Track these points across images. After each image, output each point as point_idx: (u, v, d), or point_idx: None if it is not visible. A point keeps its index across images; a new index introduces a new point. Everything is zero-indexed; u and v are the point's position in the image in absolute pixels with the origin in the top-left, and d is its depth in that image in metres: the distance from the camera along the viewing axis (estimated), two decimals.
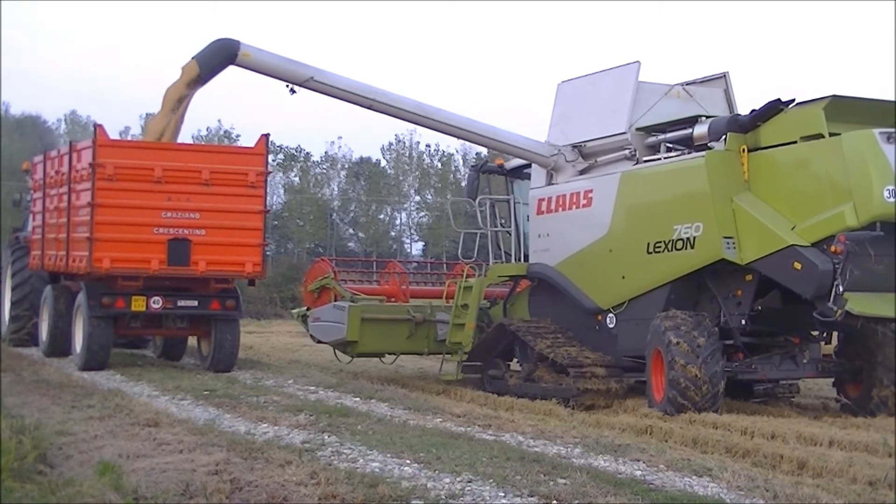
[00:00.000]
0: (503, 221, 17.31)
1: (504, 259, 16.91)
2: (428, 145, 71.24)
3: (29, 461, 7.69)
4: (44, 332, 18.23)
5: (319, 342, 17.61)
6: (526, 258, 16.39)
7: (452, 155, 71.43)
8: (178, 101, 16.12)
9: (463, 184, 71.40)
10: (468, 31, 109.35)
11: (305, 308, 17.94)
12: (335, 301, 16.91)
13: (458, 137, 17.75)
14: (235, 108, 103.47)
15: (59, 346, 17.65)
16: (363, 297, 17.05)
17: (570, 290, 15.15)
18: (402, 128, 70.08)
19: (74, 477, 7.60)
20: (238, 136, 67.97)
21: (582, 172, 15.49)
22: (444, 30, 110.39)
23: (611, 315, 14.55)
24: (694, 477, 8.60)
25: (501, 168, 17.44)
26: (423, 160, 71.32)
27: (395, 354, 17.59)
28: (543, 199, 15.87)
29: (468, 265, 16.97)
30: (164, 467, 8.05)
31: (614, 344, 14.44)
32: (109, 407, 11.49)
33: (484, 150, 69.58)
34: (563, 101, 16.02)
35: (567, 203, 15.37)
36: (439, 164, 71.59)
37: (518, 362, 15.74)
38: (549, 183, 15.90)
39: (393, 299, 17.55)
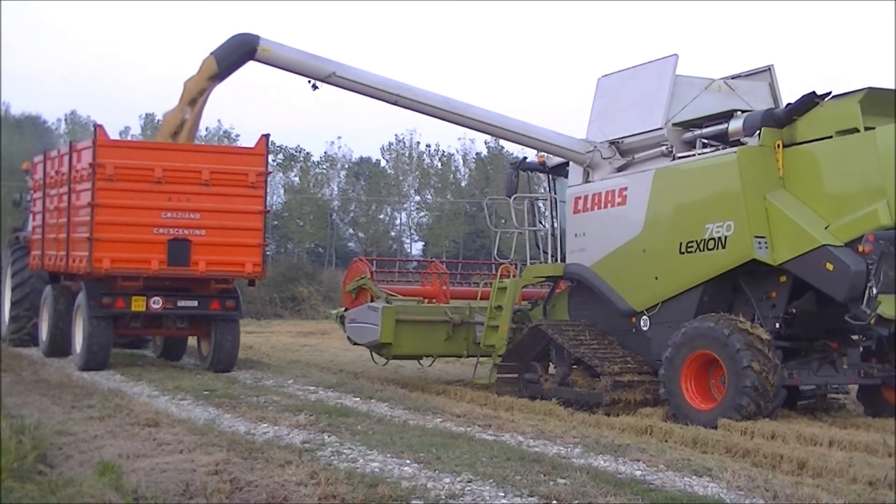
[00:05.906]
0: (541, 220, 16.70)
1: (542, 259, 16.30)
2: (428, 145, 71.55)
3: (29, 461, 7.70)
4: (44, 332, 18.22)
5: (356, 344, 17.01)
6: (563, 258, 15.84)
7: (452, 155, 71.68)
8: (197, 93, 15.66)
9: (463, 184, 71.88)
10: (500, 28, 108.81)
11: (343, 309, 17.40)
12: (371, 302, 16.53)
13: (489, 134, 16.76)
14: (235, 108, 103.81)
15: (59, 346, 17.64)
16: (399, 298, 16.60)
17: (605, 292, 14.63)
18: (402, 128, 70.47)
19: (74, 477, 7.59)
20: (238, 136, 68.32)
21: (619, 170, 14.90)
22: (472, 28, 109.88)
23: (645, 317, 14.01)
24: (694, 477, 8.60)
25: (543, 166, 16.67)
26: (423, 160, 71.43)
27: (432, 357, 17.18)
28: (580, 198, 15.27)
29: (502, 264, 16.39)
30: (164, 467, 8.05)
31: (649, 347, 13.92)
32: (109, 407, 11.49)
33: (485, 151, 70.06)
34: (602, 96, 15.43)
35: (602, 201, 14.80)
36: (439, 164, 71.72)
37: (553, 365, 15.26)
38: (586, 181, 15.32)
39: (434, 300, 17.11)
